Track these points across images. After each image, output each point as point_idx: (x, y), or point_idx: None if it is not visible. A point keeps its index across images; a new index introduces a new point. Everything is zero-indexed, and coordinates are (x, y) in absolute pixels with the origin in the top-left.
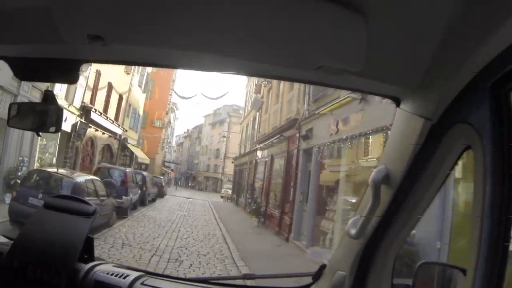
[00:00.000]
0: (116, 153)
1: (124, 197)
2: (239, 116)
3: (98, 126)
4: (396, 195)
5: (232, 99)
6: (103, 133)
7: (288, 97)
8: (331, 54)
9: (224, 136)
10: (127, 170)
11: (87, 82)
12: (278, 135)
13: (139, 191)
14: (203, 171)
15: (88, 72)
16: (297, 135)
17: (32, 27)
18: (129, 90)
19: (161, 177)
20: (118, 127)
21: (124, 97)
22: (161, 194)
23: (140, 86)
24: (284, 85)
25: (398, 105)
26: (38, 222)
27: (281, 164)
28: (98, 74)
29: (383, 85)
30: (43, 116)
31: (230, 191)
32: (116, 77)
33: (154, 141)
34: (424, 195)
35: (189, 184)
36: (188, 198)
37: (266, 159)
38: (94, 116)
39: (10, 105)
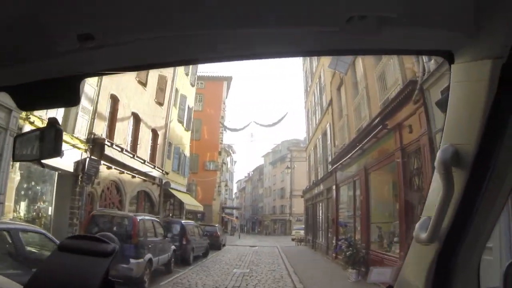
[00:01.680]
0: (157, 201)
1: (133, 261)
2: (300, 149)
3: (123, 166)
4: (471, 178)
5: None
6: (133, 177)
7: (379, 71)
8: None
9: (288, 167)
10: (138, 218)
11: (95, 108)
12: (378, 129)
13: (173, 247)
14: (269, 214)
15: (95, 93)
16: (422, 109)
17: (23, 40)
18: (166, 125)
19: (216, 225)
20: (154, 168)
21: (160, 133)
22: (216, 245)
23: (181, 122)
24: (363, 64)
25: (451, 61)
26: (51, 266)
27: (389, 177)
28: (114, 99)
29: (430, 36)
30: (45, 143)
31: (302, 232)
32: (143, 106)
33: (209, 186)
34: (508, 170)
35: (256, 230)
36: (253, 246)
37: (356, 178)
38: (111, 152)
39: (16, 138)
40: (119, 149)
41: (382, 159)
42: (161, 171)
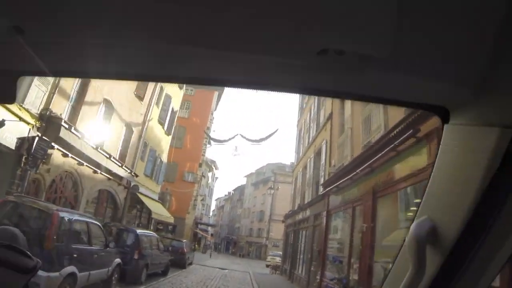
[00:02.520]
0: (122, 205)
1: (43, 274)
2: (285, 173)
3: (83, 157)
4: (447, 262)
5: (277, 156)
6: (95, 172)
7: None
8: (341, 30)
9: (271, 188)
10: (61, 214)
11: (58, 82)
12: (402, 138)
13: (117, 260)
14: (245, 236)
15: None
16: None
17: None
18: (144, 123)
19: (184, 240)
20: (121, 166)
21: (136, 130)
22: (180, 263)
23: (161, 123)
24: None
25: (445, 120)
26: None
27: (408, 203)
28: (85, 80)
29: (422, 86)
30: None
31: (278, 259)
32: (120, 96)
33: (184, 198)
34: (492, 259)
35: (230, 250)
36: (223, 269)
37: (357, 204)
38: (69, 137)
39: None
40: (79, 136)
41: (401, 179)
42: (129, 171)
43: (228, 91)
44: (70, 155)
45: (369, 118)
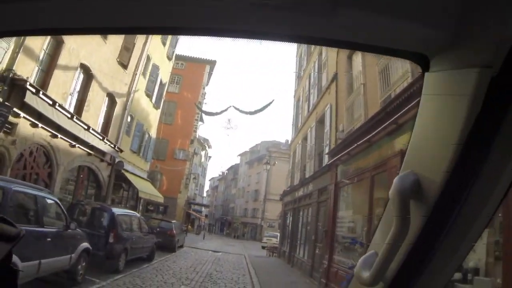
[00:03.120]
0: (106, 184)
1: None
2: (280, 152)
3: (58, 129)
4: (432, 216)
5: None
6: (72, 145)
7: None
8: None
9: (267, 163)
10: None
11: (23, 40)
12: None
13: (84, 245)
14: (240, 216)
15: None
16: None
17: None
18: (129, 94)
19: (173, 221)
20: (103, 140)
21: (120, 101)
22: (169, 247)
23: (149, 96)
24: None
25: (426, 68)
26: None
27: None
28: (57, 39)
29: (400, 33)
30: None
31: (275, 240)
32: (100, 61)
33: (176, 177)
34: (480, 210)
35: (225, 231)
36: (216, 252)
37: (378, 171)
38: (37, 103)
39: None
40: (50, 102)
41: None
42: (113, 146)
43: (220, 65)
44: (40, 125)
45: (387, 69)
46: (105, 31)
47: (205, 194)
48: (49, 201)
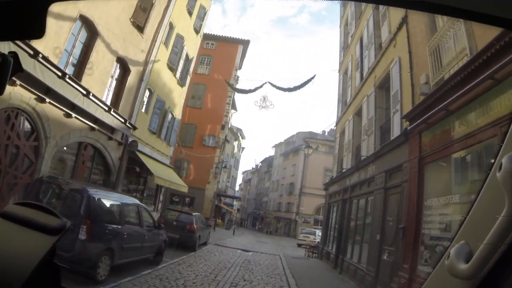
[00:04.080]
0: (115, 167)
1: None
2: (317, 142)
3: (46, 92)
4: None
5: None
6: (68, 115)
7: None
8: None
9: (308, 147)
10: None
11: None
12: None
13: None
14: (273, 211)
15: None
16: None
17: None
18: (147, 63)
19: (194, 214)
20: (109, 111)
21: (134, 70)
22: (188, 244)
23: (172, 69)
24: None
25: None
26: None
27: None
28: None
29: None
30: None
31: (312, 238)
32: (108, 18)
33: (204, 165)
34: None
35: (257, 226)
36: (246, 251)
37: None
38: (10, 49)
39: None
40: (31, 52)
41: None
42: (123, 121)
43: (254, 46)
44: (18, 82)
45: None
46: None
47: (237, 188)
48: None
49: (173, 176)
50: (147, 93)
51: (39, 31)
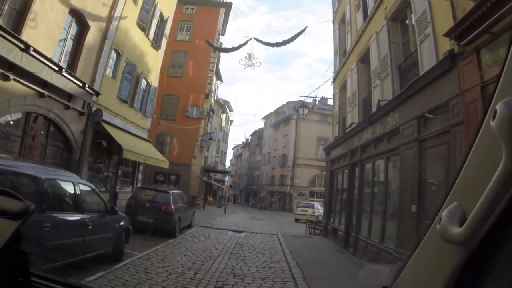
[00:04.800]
0: (78, 143)
1: None
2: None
3: None
4: None
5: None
6: (5, 77)
7: None
8: None
9: (302, 114)
10: None
11: None
12: None
13: None
14: (266, 185)
15: None
16: None
17: None
18: (110, 19)
19: (171, 192)
20: (60, 72)
21: (95, 27)
22: (165, 229)
23: (142, 29)
24: None
25: None
26: None
27: None
28: None
29: None
30: None
31: (311, 211)
32: None
33: (189, 139)
34: None
35: (250, 202)
36: (238, 231)
37: None
38: None
39: None
40: None
41: None
42: (82, 86)
43: (237, 7)
44: None
45: None
46: None
47: (228, 164)
48: None
49: (151, 150)
50: (113, 54)
51: None
